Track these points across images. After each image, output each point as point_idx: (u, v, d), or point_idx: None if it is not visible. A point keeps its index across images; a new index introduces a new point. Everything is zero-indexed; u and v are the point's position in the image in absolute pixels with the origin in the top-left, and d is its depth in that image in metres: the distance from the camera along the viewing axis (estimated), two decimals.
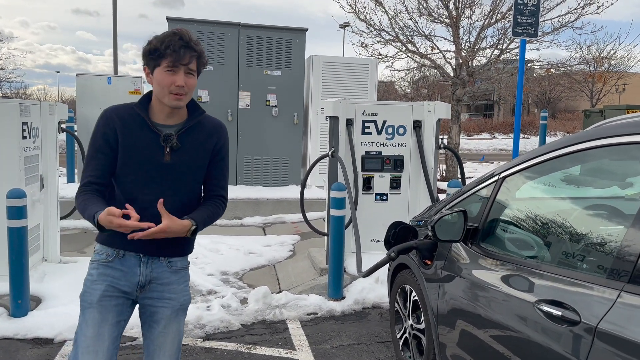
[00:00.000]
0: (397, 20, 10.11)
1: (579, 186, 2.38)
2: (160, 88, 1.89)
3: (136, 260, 1.98)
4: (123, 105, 1.99)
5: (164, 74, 1.86)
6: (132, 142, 1.92)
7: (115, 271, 1.97)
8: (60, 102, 5.21)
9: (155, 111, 1.96)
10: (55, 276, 4.64)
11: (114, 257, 1.97)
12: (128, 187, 1.94)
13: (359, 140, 5.04)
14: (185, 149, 1.96)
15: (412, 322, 3.14)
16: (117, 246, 1.96)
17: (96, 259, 2.00)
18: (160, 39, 1.86)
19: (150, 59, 1.88)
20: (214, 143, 2.03)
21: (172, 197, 1.94)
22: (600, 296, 1.65)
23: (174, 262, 2.03)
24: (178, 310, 2.04)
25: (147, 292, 2.01)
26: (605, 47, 20.84)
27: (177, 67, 1.85)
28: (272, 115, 8.27)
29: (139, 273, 1.98)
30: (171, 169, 1.94)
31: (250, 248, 5.96)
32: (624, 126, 1.89)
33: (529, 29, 6.43)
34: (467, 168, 14.27)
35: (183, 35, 1.87)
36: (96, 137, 1.95)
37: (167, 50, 1.84)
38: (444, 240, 2.43)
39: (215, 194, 2.08)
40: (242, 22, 8.06)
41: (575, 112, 39.02)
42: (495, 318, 2.10)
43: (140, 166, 1.92)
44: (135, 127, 1.93)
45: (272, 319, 4.10)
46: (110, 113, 1.95)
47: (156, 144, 1.92)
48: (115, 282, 1.97)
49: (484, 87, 21.53)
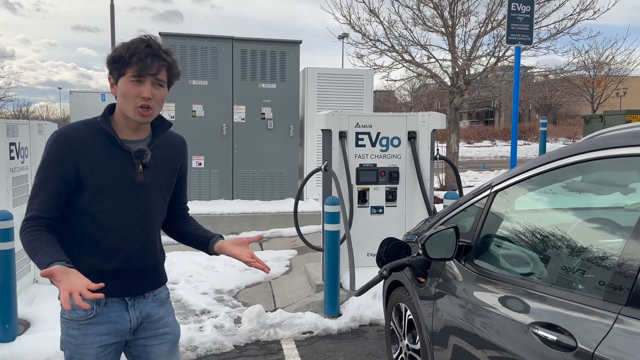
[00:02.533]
0: (392, 31, 10.08)
1: (578, 194, 2.28)
2: (125, 100, 1.66)
3: (121, 305, 1.76)
4: (80, 124, 1.72)
5: (128, 84, 1.65)
6: (100, 164, 1.68)
7: (102, 326, 1.72)
8: (49, 122, 5.15)
9: (120, 126, 1.73)
10: (46, 298, 4.54)
11: (95, 309, 1.71)
12: (102, 217, 1.69)
13: (353, 152, 4.96)
14: (157, 165, 1.78)
15: (408, 342, 3.03)
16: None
17: (73, 317, 1.70)
18: (126, 46, 1.66)
19: (115, 67, 1.67)
20: (182, 160, 1.91)
21: (151, 220, 1.78)
22: (597, 320, 1.55)
23: (158, 293, 1.87)
24: (175, 344, 1.91)
25: (139, 333, 1.83)
26: (604, 52, 20.81)
27: (143, 77, 1.64)
28: (268, 128, 8.20)
29: (129, 319, 1.77)
30: (146, 188, 1.75)
31: (245, 265, 5.84)
32: (619, 137, 1.80)
33: (523, 36, 6.37)
34: (467, 177, 14.17)
35: (151, 43, 1.67)
36: (47, 165, 1.66)
37: (132, 58, 1.63)
38: (435, 258, 2.33)
39: (186, 211, 2.01)
40: (235, 36, 8.03)
41: (576, 117, 38.93)
42: (490, 340, 2.00)
43: (115, 190, 1.70)
44: (98, 147, 1.68)
45: (266, 339, 3.99)
46: (66, 136, 1.67)
47: (126, 162, 1.71)
48: (106, 339, 1.73)
49: (484, 94, 21.51)
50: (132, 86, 1.65)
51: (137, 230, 1.75)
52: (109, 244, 1.71)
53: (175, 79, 1.78)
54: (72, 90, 8.50)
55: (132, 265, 1.75)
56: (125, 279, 1.74)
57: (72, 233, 1.72)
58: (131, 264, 1.75)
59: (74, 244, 1.71)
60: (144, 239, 1.77)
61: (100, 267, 1.71)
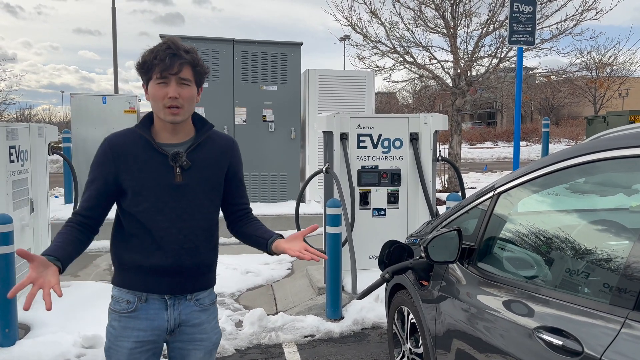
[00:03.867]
0: (393, 32, 10.06)
1: (582, 195, 2.24)
2: (155, 102, 1.75)
3: (161, 303, 1.81)
4: (125, 130, 1.84)
5: (156, 87, 1.74)
6: (139, 168, 1.76)
7: (141, 321, 1.79)
8: (50, 124, 5.13)
9: (159, 130, 1.81)
10: None
11: (136, 304, 1.80)
12: (142, 217, 1.77)
13: (355, 154, 4.93)
14: (197, 167, 1.81)
15: (411, 345, 2.99)
16: (138, 288, 1.80)
17: (116, 309, 1.82)
18: (149, 51, 1.75)
19: (142, 72, 1.77)
20: (229, 161, 1.91)
21: (189, 221, 1.80)
22: (604, 325, 1.51)
23: (202, 298, 1.88)
24: (211, 350, 1.92)
25: (177, 336, 1.86)
26: (606, 53, 20.74)
27: (167, 78, 1.72)
28: (269, 130, 8.18)
29: (166, 318, 1.81)
30: (184, 190, 1.79)
31: (248, 267, 5.83)
32: (624, 138, 1.77)
33: (525, 37, 6.33)
34: (469, 178, 14.12)
35: (171, 44, 1.73)
36: (93, 168, 1.81)
37: (154, 60, 1.72)
38: (438, 261, 2.29)
39: (246, 212, 2.00)
40: (236, 38, 8.02)
41: (578, 118, 38.85)
42: (494, 344, 1.96)
43: (152, 191, 1.77)
44: (139, 151, 1.77)
45: (267, 343, 3.96)
46: (110, 141, 1.81)
47: (164, 165, 1.77)
48: (142, 335, 1.79)
49: (486, 95, 21.46)
50: (158, 88, 1.74)
51: (174, 230, 1.78)
52: (147, 242, 1.78)
53: (204, 77, 1.83)
54: (73, 93, 8.49)
55: (170, 264, 1.79)
56: (163, 277, 1.79)
57: (122, 231, 1.84)
58: (169, 263, 1.79)
59: (121, 240, 1.83)
60: (182, 240, 1.80)
61: (140, 262, 1.79)
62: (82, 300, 4.64)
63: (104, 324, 4.00)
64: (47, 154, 4.91)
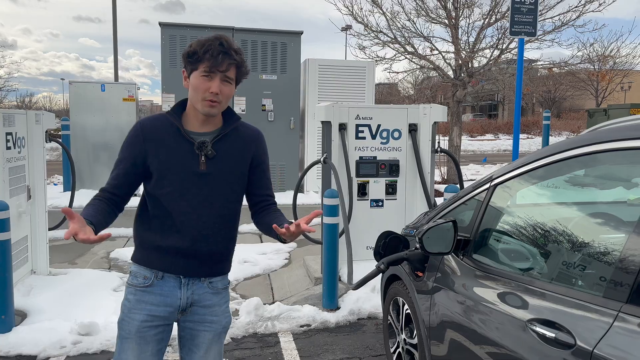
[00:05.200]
0: (394, 22, 9.97)
1: (580, 188, 2.22)
2: (195, 93, 1.81)
3: (176, 282, 1.89)
4: (159, 115, 1.93)
5: (199, 79, 1.80)
6: (166, 152, 1.84)
7: (155, 296, 1.88)
8: (48, 112, 5.11)
9: (190, 118, 1.88)
10: (43, 289, 4.52)
11: (152, 280, 1.88)
12: (164, 200, 1.85)
13: (353, 145, 4.91)
14: (221, 157, 1.88)
15: (405, 336, 3.00)
16: (156, 267, 1.88)
17: (133, 283, 1.91)
18: (201, 42, 1.80)
19: (189, 62, 1.82)
20: (254, 152, 1.97)
21: (209, 208, 1.87)
22: (597, 318, 1.50)
23: (215, 282, 1.95)
24: (220, 334, 1.98)
25: (188, 315, 1.93)
26: (609, 45, 20.62)
27: (213, 73, 1.79)
28: (268, 120, 8.15)
29: (179, 296, 1.89)
30: (207, 178, 1.86)
31: (246, 256, 5.82)
32: (623, 130, 1.75)
33: (527, 28, 6.27)
34: (469, 170, 14.10)
35: (224, 41, 1.80)
36: (123, 148, 1.90)
37: (205, 54, 1.77)
38: (433, 252, 2.29)
39: (269, 202, 2.03)
40: (236, 27, 7.97)
41: (580, 111, 38.72)
42: (488, 336, 1.96)
43: (176, 176, 1.84)
44: (168, 137, 1.85)
45: (263, 332, 3.96)
46: (142, 124, 1.89)
47: (191, 152, 1.84)
48: (155, 309, 1.87)
49: (487, 87, 21.39)
50: (202, 81, 1.79)
51: (194, 216, 1.84)
52: (169, 225, 1.85)
53: (244, 77, 1.91)
54: (71, 81, 8.44)
55: (187, 247, 1.85)
56: (179, 258, 1.86)
57: (146, 212, 1.91)
58: (185, 246, 1.85)
59: (144, 221, 1.91)
60: (201, 226, 1.85)
61: (159, 243, 1.86)
62: (80, 287, 4.64)
63: (101, 311, 4.04)
64: (44, 141, 4.89)
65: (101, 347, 3.62)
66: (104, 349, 3.61)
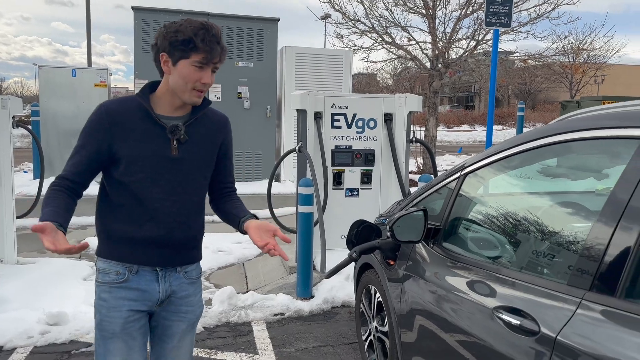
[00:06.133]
0: (372, 11, 9.94)
1: (553, 179, 2.25)
2: (184, 83, 1.73)
3: (152, 275, 1.81)
4: (123, 98, 1.81)
5: (190, 68, 1.71)
6: (135, 137, 1.73)
7: (132, 292, 1.78)
8: (15, 97, 4.95)
9: (162, 103, 1.79)
10: (10, 278, 4.41)
11: (127, 275, 1.78)
12: (135, 187, 1.76)
13: (329, 134, 4.89)
14: (193, 141, 1.82)
15: (377, 324, 3.01)
16: (129, 260, 1.78)
17: (105, 280, 1.79)
18: (193, 30, 1.69)
19: (180, 49, 1.70)
20: (223, 138, 1.94)
21: (182, 194, 1.81)
22: (561, 305, 1.53)
23: (190, 271, 1.90)
24: (194, 323, 1.95)
25: (164, 306, 1.88)
26: (583, 39, 20.97)
27: (207, 65, 1.72)
28: (244, 108, 8.07)
29: (158, 290, 1.82)
30: (180, 163, 1.79)
31: (220, 246, 5.78)
32: (592, 119, 1.77)
33: (502, 19, 6.32)
34: (445, 160, 14.23)
35: (215, 31, 1.73)
36: (85, 134, 1.77)
37: (202, 44, 1.68)
38: (403, 241, 2.29)
39: (231, 190, 2.02)
40: (211, 12, 7.83)
41: (554, 103, 39.37)
42: (456, 323, 1.98)
43: (148, 162, 1.75)
44: (137, 120, 1.74)
45: (236, 321, 3.94)
46: (106, 107, 1.75)
47: (162, 137, 1.76)
48: (135, 304, 1.79)
49: (464, 78, 21.55)
50: (193, 70, 1.72)
51: (167, 203, 1.78)
52: (140, 213, 1.76)
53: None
54: (41, 65, 8.20)
55: (162, 236, 1.79)
56: (154, 249, 1.78)
57: (109, 201, 1.79)
58: (160, 234, 1.78)
59: (110, 212, 1.79)
60: (175, 213, 1.80)
61: (131, 234, 1.77)
62: (48, 276, 4.55)
63: (70, 301, 3.95)
64: (10, 127, 4.74)
65: (70, 337, 3.56)
66: (73, 339, 3.54)
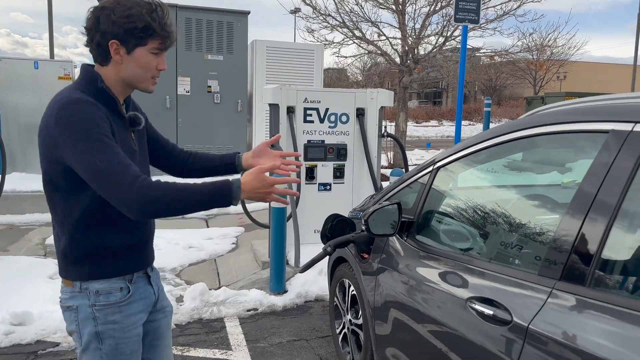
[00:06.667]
0: (343, 5, 9.96)
1: (519, 173, 2.31)
2: (144, 71, 1.58)
3: (145, 279, 1.73)
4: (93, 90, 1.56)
5: (149, 56, 1.56)
6: (115, 132, 1.56)
7: (138, 304, 1.67)
8: None
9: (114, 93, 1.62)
10: None
11: (130, 288, 1.65)
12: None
13: (301, 128, 4.88)
14: (139, 130, 1.72)
15: (351, 317, 3.04)
16: (125, 271, 1.64)
17: (111, 301, 1.60)
18: (148, 14, 1.52)
19: (136, 36, 1.52)
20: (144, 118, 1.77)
21: None
22: (532, 295, 1.57)
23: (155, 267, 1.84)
24: (170, 318, 1.89)
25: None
26: (547, 36, 21.53)
27: (164, 50, 1.60)
28: (215, 102, 7.97)
29: (153, 292, 1.75)
30: (137, 155, 1.66)
31: (191, 242, 5.71)
32: (558, 114, 1.82)
33: (470, 15, 6.42)
34: (414, 155, 14.41)
35: (168, 12, 1.59)
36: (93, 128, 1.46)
37: (162, 30, 1.55)
38: (378, 234, 2.31)
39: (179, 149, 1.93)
40: (179, 4, 7.70)
41: (519, 99, 40.31)
42: (430, 315, 2.01)
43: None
44: (110, 114, 1.56)
45: (209, 318, 3.91)
46: (88, 98, 1.51)
47: (124, 128, 1.62)
48: (143, 317, 1.70)
49: (433, 74, 21.85)
50: (152, 58, 1.58)
51: None
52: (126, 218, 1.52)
53: None
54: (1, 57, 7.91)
55: (145, 236, 1.71)
56: (142, 251, 1.71)
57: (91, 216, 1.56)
58: (144, 235, 1.70)
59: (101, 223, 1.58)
60: None
61: (128, 241, 1.64)
62: (12, 275, 4.40)
63: (35, 300, 3.84)
64: None
65: (36, 337, 3.46)
66: (39, 339, 3.45)
